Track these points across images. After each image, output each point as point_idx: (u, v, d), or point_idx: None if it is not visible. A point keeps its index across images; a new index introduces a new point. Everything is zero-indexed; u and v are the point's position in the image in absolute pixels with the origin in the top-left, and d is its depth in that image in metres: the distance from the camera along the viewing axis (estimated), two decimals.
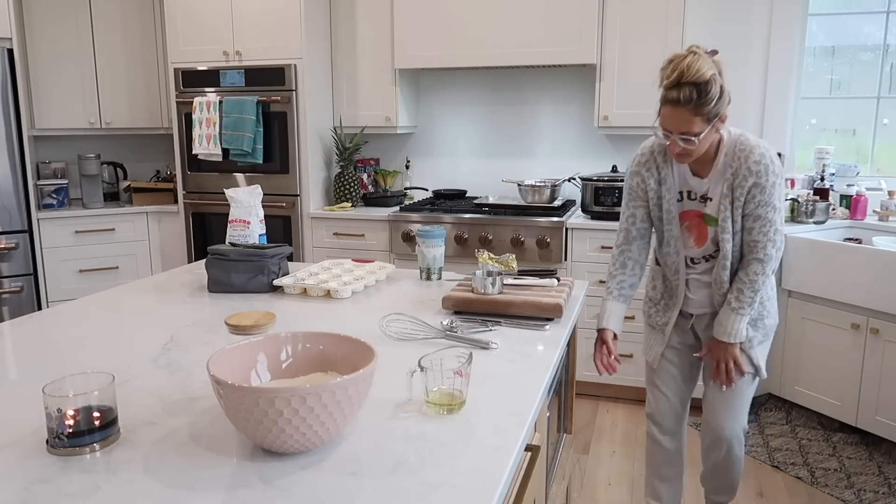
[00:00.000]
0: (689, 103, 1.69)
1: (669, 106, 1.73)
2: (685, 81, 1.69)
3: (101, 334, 1.61)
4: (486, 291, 1.79)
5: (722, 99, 1.71)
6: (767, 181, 1.79)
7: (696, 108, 1.70)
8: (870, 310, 2.92)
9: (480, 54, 3.59)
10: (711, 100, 1.69)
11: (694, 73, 1.68)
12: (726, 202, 1.85)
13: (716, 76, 1.70)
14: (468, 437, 1.08)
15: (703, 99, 1.69)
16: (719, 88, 1.70)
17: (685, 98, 1.69)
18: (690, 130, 1.72)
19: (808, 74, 3.68)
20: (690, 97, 1.69)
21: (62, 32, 4.06)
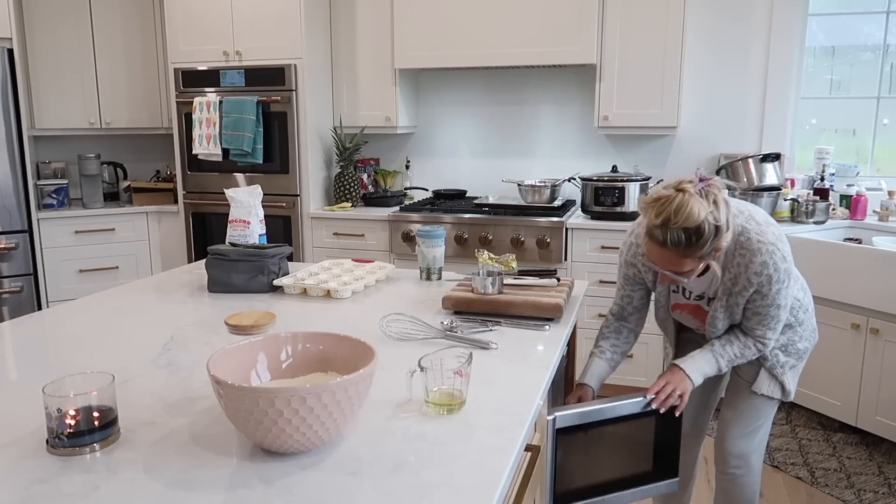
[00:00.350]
0: (677, 247, 1.50)
1: (656, 245, 1.53)
2: (673, 226, 1.48)
3: (101, 334, 1.61)
4: (486, 291, 1.79)
5: (718, 237, 1.51)
6: (770, 290, 1.62)
7: (685, 252, 1.51)
8: (870, 310, 2.92)
9: (480, 54, 3.59)
10: (704, 243, 1.50)
11: (683, 218, 1.47)
12: (718, 305, 1.71)
13: (708, 217, 1.48)
14: (468, 437, 1.08)
15: (694, 244, 1.49)
16: (713, 229, 1.49)
17: (672, 241, 1.50)
18: (680, 270, 1.56)
19: (808, 74, 3.68)
20: (679, 241, 1.49)
21: (62, 32, 4.06)
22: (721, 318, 1.74)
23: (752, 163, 3.33)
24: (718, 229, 1.50)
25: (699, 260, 1.54)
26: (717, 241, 1.51)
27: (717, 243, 1.51)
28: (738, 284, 1.65)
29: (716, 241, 1.51)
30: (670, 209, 1.48)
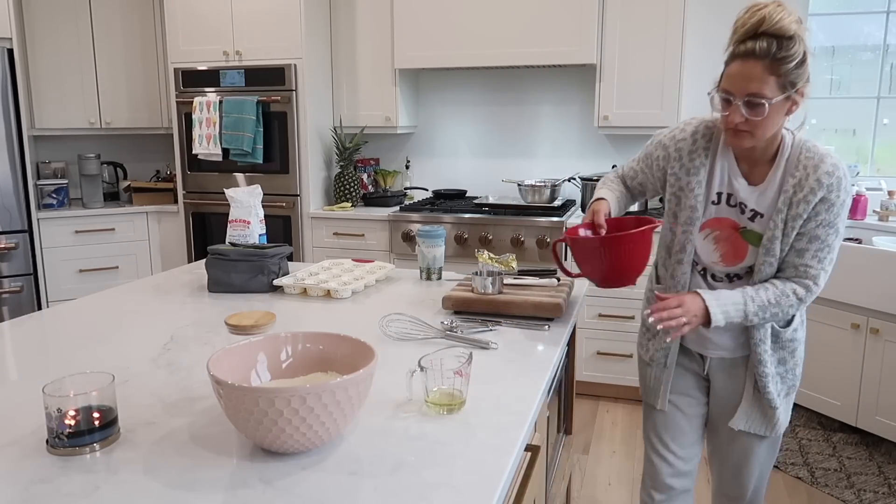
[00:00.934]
0: (766, 56, 1.34)
1: (740, 60, 1.38)
2: (764, 31, 1.35)
3: (101, 334, 1.61)
4: (486, 291, 1.79)
5: (804, 66, 1.37)
6: (838, 198, 1.44)
7: (772, 64, 1.35)
8: (870, 310, 2.92)
9: (480, 54, 3.59)
10: (793, 58, 1.35)
11: (775, 22, 1.34)
12: (778, 219, 1.47)
13: (800, 35, 1.36)
14: (468, 437, 1.08)
15: (783, 53, 1.34)
16: (802, 51, 1.36)
17: (761, 50, 1.34)
18: (760, 92, 1.36)
19: None
20: (769, 49, 1.34)
21: (62, 32, 4.06)
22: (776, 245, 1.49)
23: None
24: (805, 57, 1.37)
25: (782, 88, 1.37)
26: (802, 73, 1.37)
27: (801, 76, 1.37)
28: (805, 189, 1.45)
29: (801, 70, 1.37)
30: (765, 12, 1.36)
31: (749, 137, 1.42)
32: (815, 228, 1.46)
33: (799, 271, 1.50)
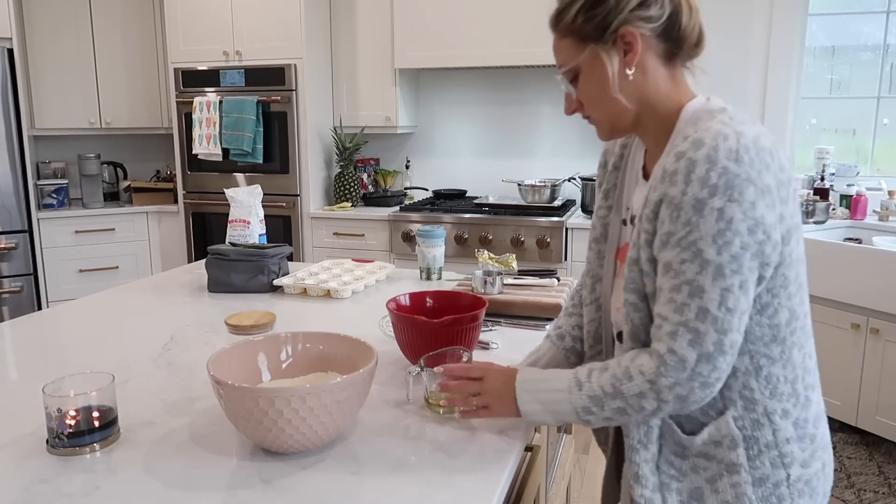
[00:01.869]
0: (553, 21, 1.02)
1: None
2: None
3: (101, 334, 1.61)
4: (486, 291, 1.79)
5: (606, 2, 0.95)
6: (685, 196, 0.89)
7: (558, 25, 1.01)
8: (870, 310, 2.92)
9: (480, 54, 3.59)
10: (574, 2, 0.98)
11: None
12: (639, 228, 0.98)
13: None
14: (468, 437, 1.08)
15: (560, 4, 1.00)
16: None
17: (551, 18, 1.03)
18: (561, 62, 1.02)
19: (808, 74, 3.68)
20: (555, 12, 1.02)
21: (62, 32, 4.06)
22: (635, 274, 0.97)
23: None
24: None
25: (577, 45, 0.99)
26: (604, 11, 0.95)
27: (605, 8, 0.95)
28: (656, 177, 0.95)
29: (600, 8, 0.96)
30: None
31: (596, 124, 1.04)
32: (662, 249, 0.92)
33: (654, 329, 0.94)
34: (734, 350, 0.91)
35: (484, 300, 1.40)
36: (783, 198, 0.91)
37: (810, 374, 1.00)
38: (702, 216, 0.88)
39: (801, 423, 0.98)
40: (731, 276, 0.88)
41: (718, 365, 0.90)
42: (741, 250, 0.87)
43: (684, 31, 1.00)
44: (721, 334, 0.89)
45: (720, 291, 0.88)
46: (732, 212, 0.87)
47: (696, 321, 0.89)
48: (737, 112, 0.95)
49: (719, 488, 0.97)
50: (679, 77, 1.03)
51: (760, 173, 0.88)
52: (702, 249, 0.88)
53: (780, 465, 0.97)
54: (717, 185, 0.87)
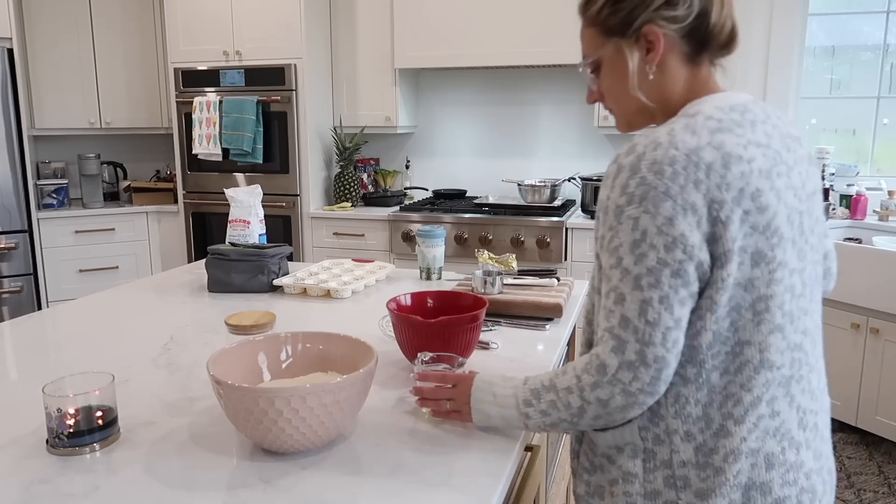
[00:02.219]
0: (581, 9, 1.03)
1: None
2: None
3: (101, 334, 1.61)
4: (486, 291, 1.79)
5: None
6: (609, 200, 0.91)
7: (586, 14, 1.02)
8: (870, 310, 2.92)
9: (480, 54, 3.59)
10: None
11: None
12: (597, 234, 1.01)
13: None
14: (468, 437, 1.08)
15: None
16: None
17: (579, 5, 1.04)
18: (584, 51, 1.04)
19: (808, 74, 3.68)
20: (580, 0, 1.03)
21: (62, 32, 4.06)
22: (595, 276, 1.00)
23: None
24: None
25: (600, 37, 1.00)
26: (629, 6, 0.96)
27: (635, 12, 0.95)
28: None
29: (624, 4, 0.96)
30: None
31: (615, 116, 1.06)
32: (600, 253, 0.94)
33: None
34: (660, 366, 0.87)
35: (484, 300, 1.40)
36: (722, 219, 0.86)
37: (737, 405, 0.91)
38: (620, 223, 0.88)
39: (704, 450, 0.93)
40: (648, 288, 0.87)
41: (640, 376, 0.88)
42: (657, 265, 0.86)
43: (713, 31, 0.97)
44: (643, 345, 0.87)
45: (639, 303, 0.87)
46: (646, 224, 0.86)
47: (619, 328, 0.89)
48: (708, 118, 0.91)
49: (615, 492, 0.99)
50: (704, 75, 1.00)
51: (684, 189, 0.86)
52: (622, 257, 0.89)
53: (673, 486, 0.94)
54: (634, 195, 0.87)
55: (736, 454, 0.91)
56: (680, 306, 0.88)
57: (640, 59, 0.97)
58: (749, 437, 0.92)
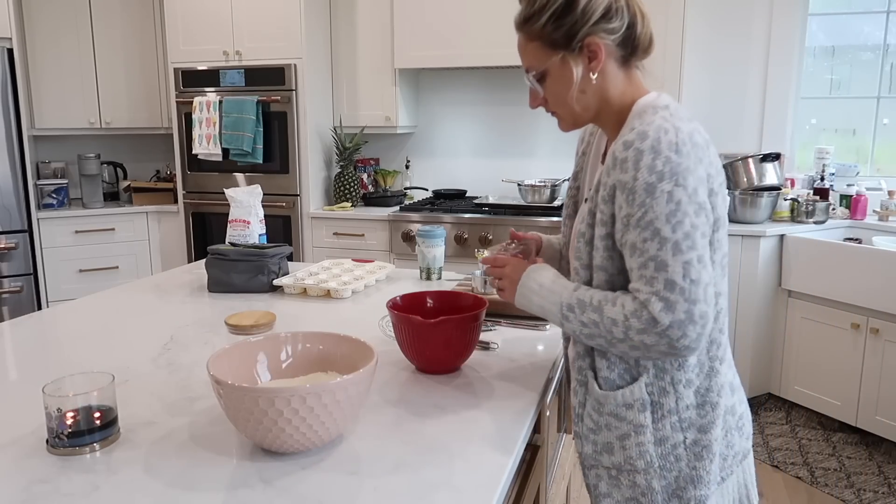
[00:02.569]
0: (519, 22, 1.11)
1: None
2: None
3: (101, 334, 1.61)
4: (486, 291, 1.79)
5: (573, 13, 1.03)
6: (637, 181, 0.99)
7: (526, 27, 1.09)
8: (870, 310, 2.92)
9: (480, 54, 3.59)
10: (543, 11, 1.05)
11: None
12: (589, 206, 1.11)
13: None
14: (468, 437, 1.08)
15: (528, 10, 1.08)
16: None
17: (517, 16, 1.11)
18: (528, 64, 1.12)
19: (808, 74, 3.68)
20: (518, 13, 1.11)
21: (62, 32, 4.06)
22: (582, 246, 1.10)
23: (752, 163, 3.33)
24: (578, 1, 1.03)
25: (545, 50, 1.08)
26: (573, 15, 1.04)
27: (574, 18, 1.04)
28: (607, 164, 1.05)
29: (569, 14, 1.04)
30: None
31: (560, 118, 1.15)
32: (625, 232, 1.01)
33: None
34: (705, 321, 0.98)
35: (484, 300, 1.40)
36: (715, 189, 1.04)
37: (719, 347, 1.10)
38: (654, 198, 0.98)
39: (702, 391, 1.09)
40: (687, 251, 0.98)
41: (688, 333, 0.98)
42: (692, 229, 0.98)
43: (639, 39, 1.10)
44: (690, 304, 0.97)
45: (682, 265, 0.98)
46: (679, 195, 0.98)
47: (666, 291, 0.98)
48: (677, 109, 1.06)
49: (626, 445, 1.10)
50: (632, 76, 1.13)
51: (697, 165, 1.00)
52: (659, 228, 0.98)
53: (679, 428, 1.08)
54: (664, 172, 0.98)
55: (721, 388, 1.10)
56: (711, 265, 1.02)
57: (584, 66, 1.08)
58: (728, 373, 1.13)
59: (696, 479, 1.09)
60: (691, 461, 1.09)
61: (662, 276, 0.98)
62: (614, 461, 1.12)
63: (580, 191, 1.27)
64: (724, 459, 1.13)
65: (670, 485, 1.09)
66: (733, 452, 1.14)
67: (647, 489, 1.10)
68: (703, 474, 1.09)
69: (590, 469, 1.18)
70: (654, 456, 1.09)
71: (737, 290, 3.26)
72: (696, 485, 1.09)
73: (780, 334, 3.30)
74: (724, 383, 1.11)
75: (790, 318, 3.25)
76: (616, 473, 1.13)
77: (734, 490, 1.17)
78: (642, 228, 0.99)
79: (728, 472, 1.14)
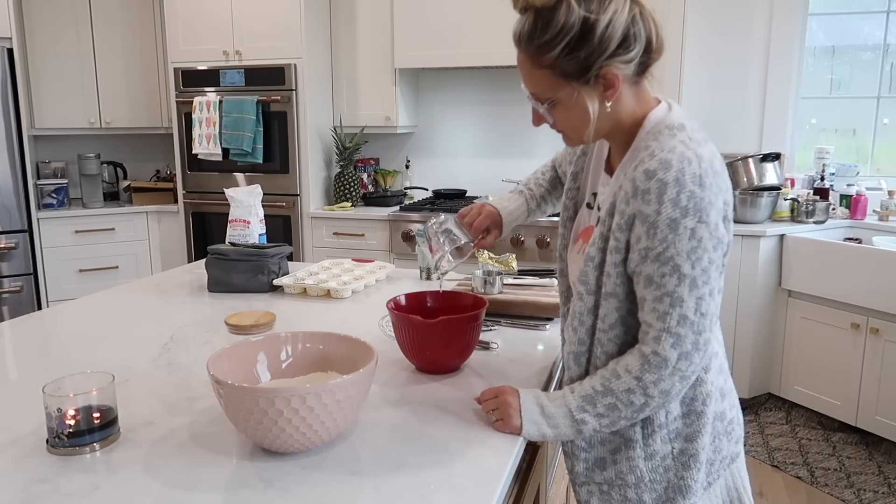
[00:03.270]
0: (522, 43, 1.03)
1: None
2: (523, 4, 1.02)
3: (101, 334, 1.61)
4: (486, 291, 1.79)
5: (590, 40, 0.96)
6: (660, 215, 0.96)
7: (534, 54, 1.02)
8: (870, 310, 2.92)
9: (480, 54, 3.59)
10: (559, 39, 0.97)
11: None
12: (601, 229, 1.07)
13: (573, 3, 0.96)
14: (468, 437, 1.08)
15: (539, 38, 0.99)
16: (580, 22, 0.96)
17: (519, 35, 1.03)
18: (534, 91, 1.06)
19: (808, 74, 3.68)
20: (527, 33, 1.02)
21: (62, 32, 4.06)
22: (590, 272, 1.07)
23: (752, 162, 3.33)
24: (594, 29, 0.96)
25: (556, 79, 1.01)
26: (589, 45, 0.97)
27: (590, 48, 0.97)
28: (622, 192, 1.01)
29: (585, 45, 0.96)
30: None
31: (567, 138, 1.10)
32: (642, 263, 0.99)
33: (642, 333, 1.03)
34: (707, 346, 1.01)
35: (484, 300, 1.40)
36: (729, 216, 1.02)
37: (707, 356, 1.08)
38: (677, 234, 0.96)
39: (687, 400, 1.09)
40: (703, 286, 0.98)
41: (694, 360, 1.01)
42: (709, 264, 0.98)
43: (656, 54, 1.05)
44: (696, 335, 1.00)
45: (696, 300, 0.98)
46: (702, 232, 0.97)
47: (678, 327, 0.99)
48: (694, 130, 1.03)
49: (618, 459, 1.12)
50: (641, 89, 1.07)
51: (717, 196, 0.98)
52: (679, 265, 0.97)
53: (668, 440, 1.09)
54: (688, 208, 0.96)
55: (708, 396, 1.08)
56: (719, 293, 1.03)
57: (599, 96, 1.02)
58: (716, 379, 1.11)
59: (684, 488, 1.10)
60: (679, 471, 1.10)
61: (676, 312, 0.98)
62: (606, 476, 1.14)
63: (580, 192, 1.24)
64: (710, 465, 1.12)
65: (660, 496, 1.11)
66: (721, 457, 1.14)
67: (637, 502, 1.12)
68: (690, 483, 1.09)
69: (581, 486, 1.18)
70: (644, 470, 1.10)
71: (737, 290, 3.26)
72: (685, 494, 1.10)
73: (780, 334, 3.30)
74: (712, 391, 1.09)
75: (790, 318, 3.25)
76: (608, 489, 1.14)
77: (722, 493, 1.16)
78: (662, 263, 0.98)
79: (715, 476, 1.14)
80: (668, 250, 0.97)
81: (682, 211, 0.95)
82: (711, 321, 1.01)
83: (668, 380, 1.00)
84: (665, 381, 1.00)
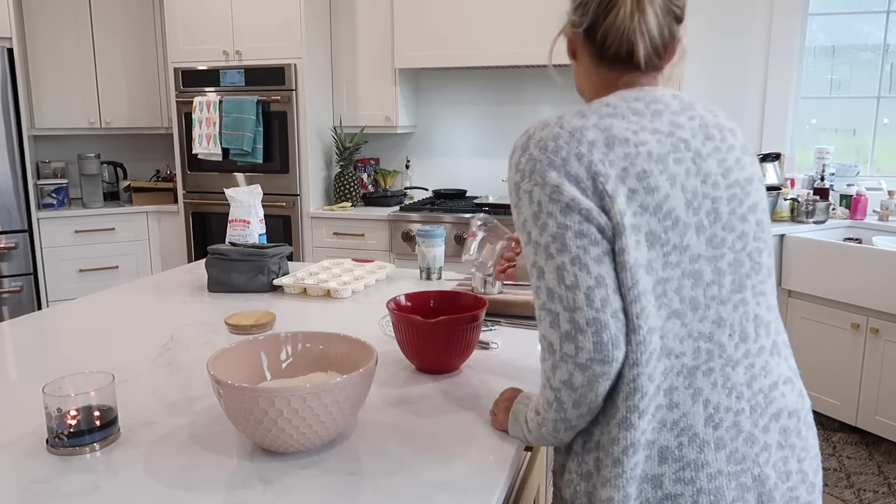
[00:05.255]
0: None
1: None
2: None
3: (101, 334, 1.61)
4: (486, 291, 1.79)
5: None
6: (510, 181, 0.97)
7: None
8: (870, 310, 2.92)
9: (480, 54, 3.59)
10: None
11: None
12: None
13: None
14: (468, 437, 1.08)
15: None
16: None
17: None
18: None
19: (808, 74, 3.68)
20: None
21: (62, 32, 4.06)
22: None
23: None
24: None
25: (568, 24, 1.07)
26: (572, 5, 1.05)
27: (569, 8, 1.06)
28: None
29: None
30: None
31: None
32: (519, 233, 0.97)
33: None
34: (596, 328, 0.86)
35: (484, 300, 1.40)
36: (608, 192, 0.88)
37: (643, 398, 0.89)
38: (519, 199, 0.93)
39: (608, 438, 0.92)
40: (558, 254, 0.88)
41: (581, 345, 0.87)
42: (559, 230, 0.88)
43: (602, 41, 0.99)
44: (571, 312, 0.87)
45: (555, 270, 0.88)
46: (538, 195, 0.90)
47: (549, 302, 0.89)
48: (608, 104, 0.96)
49: (569, 469, 0.99)
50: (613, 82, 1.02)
51: (566, 161, 0.90)
52: (529, 231, 0.92)
53: (578, 474, 0.97)
54: (525, 170, 0.92)
55: (635, 447, 0.89)
56: (596, 264, 0.87)
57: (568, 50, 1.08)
58: (648, 429, 0.90)
59: None
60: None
61: (543, 284, 0.90)
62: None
63: None
64: None
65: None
66: None
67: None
68: None
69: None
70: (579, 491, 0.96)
71: None
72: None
73: None
74: (643, 443, 0.89)
75: (790, 318, 3.25)
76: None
77: None
78: (520, 230, 0.94)
79: None
80: (519, 217, 0.94)
81: (521, 174, 0.93)
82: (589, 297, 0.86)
83: (562, 367, 0.89)
84: (559, 368, 0.89)
